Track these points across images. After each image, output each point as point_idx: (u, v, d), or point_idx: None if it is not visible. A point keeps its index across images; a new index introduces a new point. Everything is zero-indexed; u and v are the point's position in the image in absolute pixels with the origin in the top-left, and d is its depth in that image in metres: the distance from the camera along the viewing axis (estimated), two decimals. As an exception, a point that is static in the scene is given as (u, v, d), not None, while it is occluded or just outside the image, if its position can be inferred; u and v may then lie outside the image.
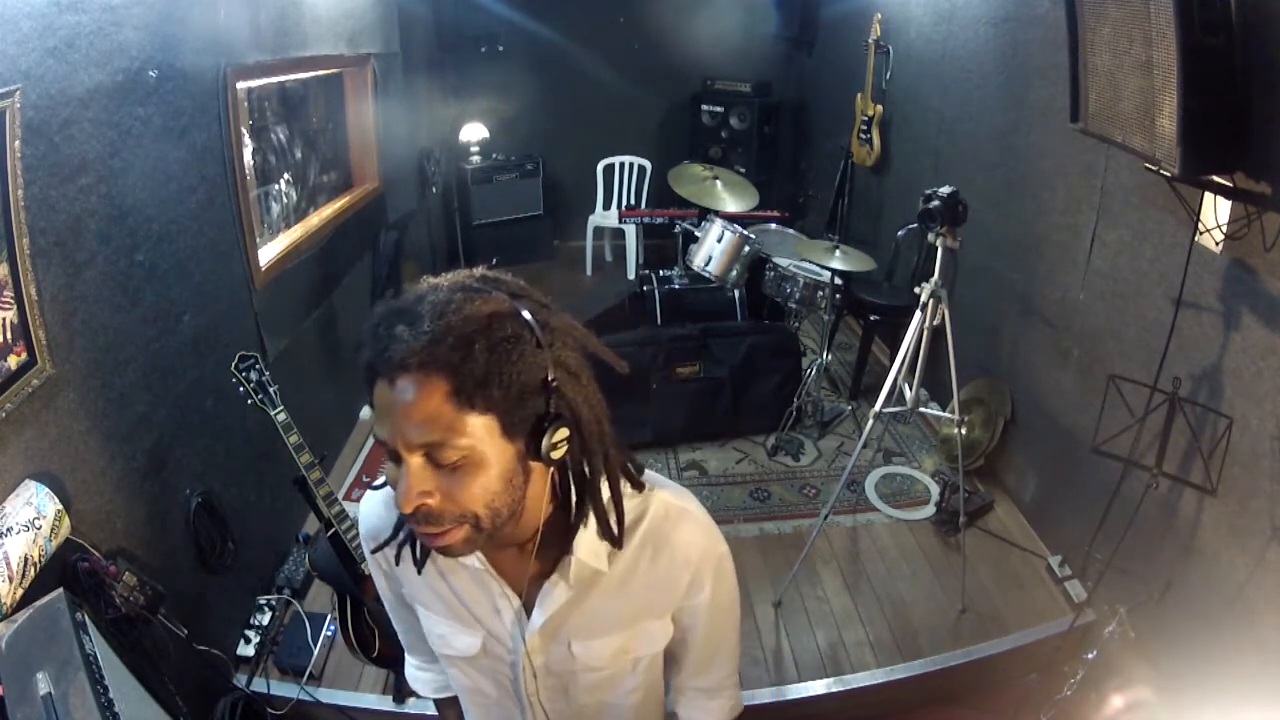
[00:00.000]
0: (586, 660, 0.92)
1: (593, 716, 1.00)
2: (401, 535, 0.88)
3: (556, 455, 0.74)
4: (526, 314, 0.72)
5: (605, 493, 0.82)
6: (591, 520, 0.82)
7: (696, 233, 3.67)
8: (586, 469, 0.80)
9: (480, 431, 0.70)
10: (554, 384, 0.72)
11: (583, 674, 0.94)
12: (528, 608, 0.89)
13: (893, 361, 2.43)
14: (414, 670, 1.15)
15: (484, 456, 0.71)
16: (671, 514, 0.89)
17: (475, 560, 0.86)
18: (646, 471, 0.89)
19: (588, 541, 0.84)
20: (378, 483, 0.92)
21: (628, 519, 0.85)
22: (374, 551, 0.93)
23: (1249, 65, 1.57)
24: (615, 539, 0.83)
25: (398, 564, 0.90)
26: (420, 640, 1.06)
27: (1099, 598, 2.27)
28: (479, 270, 0.77)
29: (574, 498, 0.82)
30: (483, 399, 0.69)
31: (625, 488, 0.84)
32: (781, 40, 5.39)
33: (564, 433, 0.74)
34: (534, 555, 0.85)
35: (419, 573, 0.89)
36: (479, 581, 0.89)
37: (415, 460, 0.70)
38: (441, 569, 0.90)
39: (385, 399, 0.69)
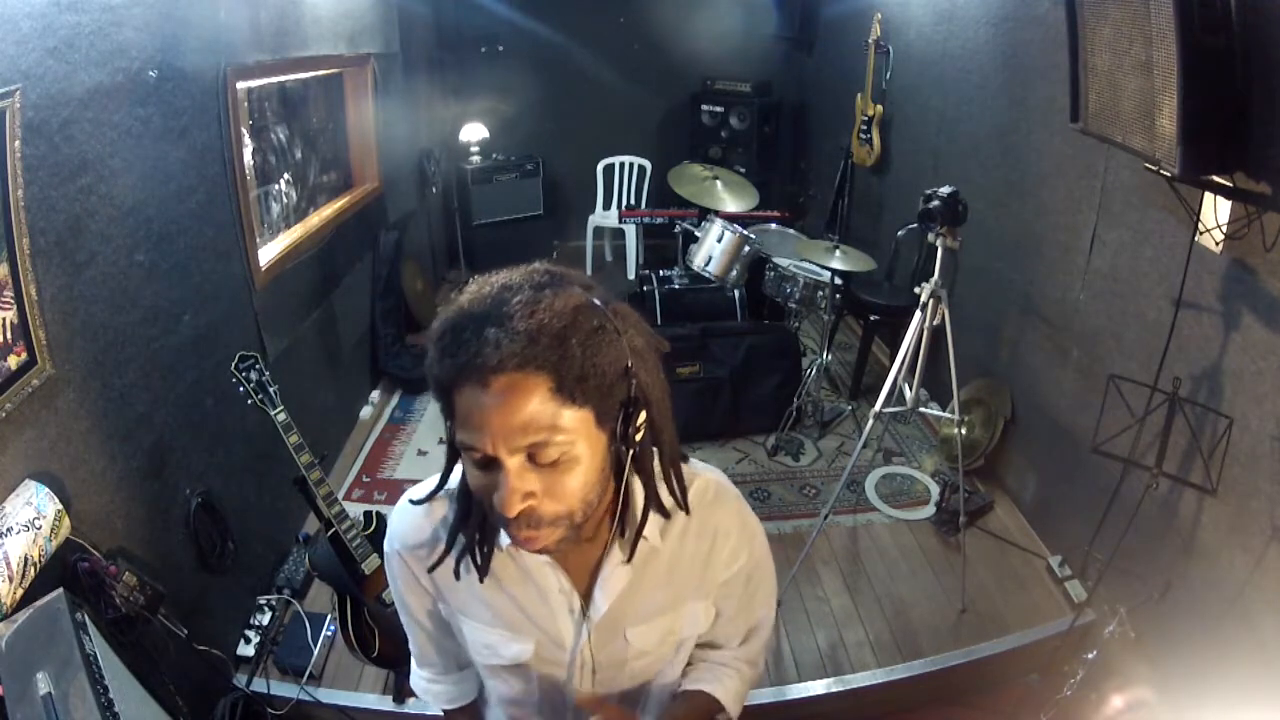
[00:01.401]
0: (638, 645, 0.93)
1: (632, 705, 1.01)
2: (458, 548, 0.85)
3: (639, 439, 0.76)
4: (599, 303, 0.73)
5: (670, 469, 0.84)
6: (641, 501, 0.84)
7: (696, 233, 3.67)
8: (654, 448, 0.82)
9: (578, 425, 0.71)
10: (633, 369, 0.73)
11: (632, 661, 0.95)
12: (584, 601, 0.90)
13: (893, 361, 2.43)
14: (424, 684, 1.11)
15: (581, 450, 0.72)
16: (711, 487, 0.92)
17: (543, 556, 0.85)
18: None
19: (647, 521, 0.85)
20: (418, 496, 0.90)
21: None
22: (431, 570, 0.89)
23: (1249, 65, 1.57)
24: (684, 507, 0.86)
25: (458, 578, 0.88)
26: (436, 653, 1.05)
27: (1099, 598, 2.27)
28: (540, 265, 0.76)
29: (643, 477, 0.83)
30: (581, 393, 0.69)
31: None
32: (781, 40, 5.39)
33: (644, 415, 0.76)
34: (596, 545, 0.87)
35: (481, 580, 0.86)
36: (537, 579, 0.88)
37: (515, 462, 0.70)
38: (496, 573, 0.88)
39: (478, 404, 0.68)
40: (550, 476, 0.71)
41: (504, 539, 0.84)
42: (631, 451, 0.77)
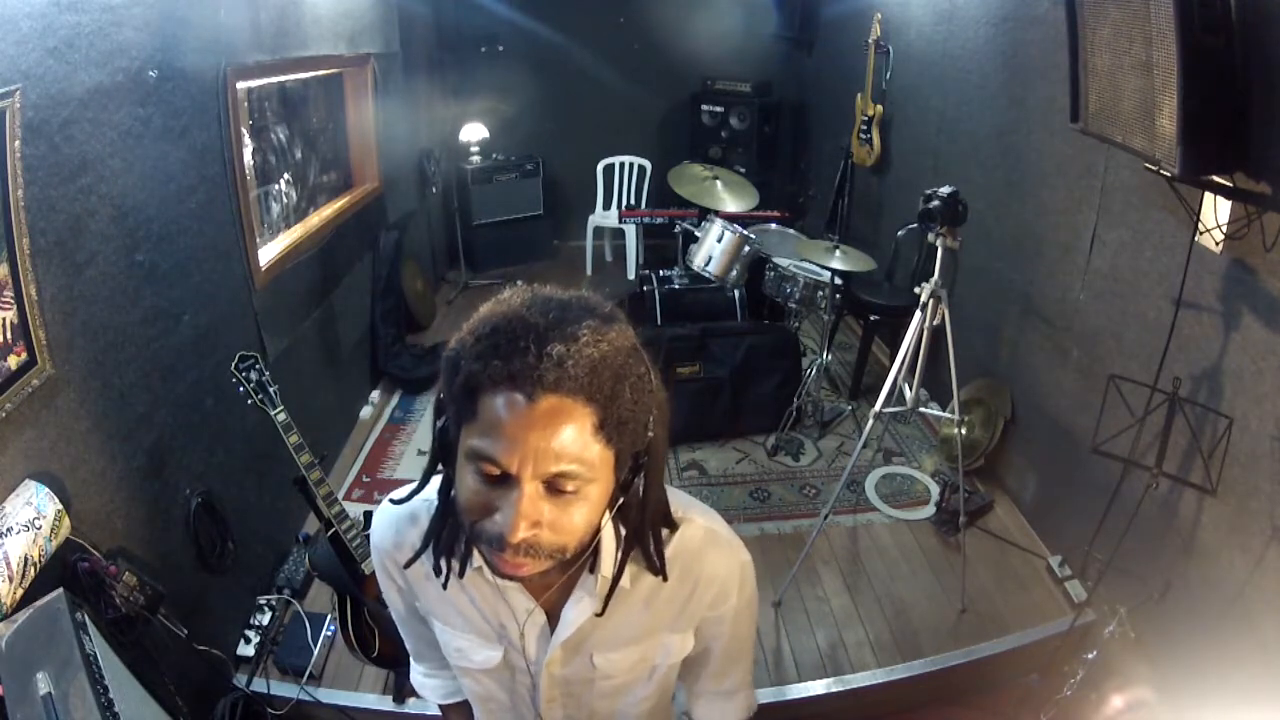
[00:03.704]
0: (606, 670, 0.92)
1: None
2: (428, 554, 0.84)
3: (630, 490, 0.75)
4: (642, 351, 0.72)
5: (648, 528, 0.82)
6: (621, 547, 0.82)
7: (696, 233, 3.67)
8: (641, 502, 0.80)
9: (602, 464, 0.69)
10: (654, 421, 0.73)
11: (600, 682, 0.94)
12: (551, 620, 0.89)
13: (893, 361, 2.43)
14: (421, 678, 1.15)
15: (594, 489, 0.70)
16: (702, 537, 0.89)
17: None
18: (670, 489, 0.88)
19: (617, 560, 0.83)
20: (398, 496, 0.88)
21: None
22: (406, 566, 0.88)
23: (1249, 65, 1.57)
24: (662, 572, 0.84)
25: (444, 581, 0.85)
26: (429, 648, 1.06)
27: (1099, 598, 2.27)
28: (595, 293, 0.74)
29: (622, 526, 0.81)
30: (617, 434, 0.68)
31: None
32: (781, 40, 5.39)
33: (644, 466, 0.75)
34: (568, 571, 0.84)
35: (444, 587, 0.85)
36: (504, 596, 0.87)
37: (534, 487, 0.67)
38: (465, 584, 0.88)
39: (517, 417, 0.64)
40: (559, 508, 0.69)
41: (476, 558, 0.82)
42: (622, 499, 0.76)
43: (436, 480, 0.82)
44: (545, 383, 0.63)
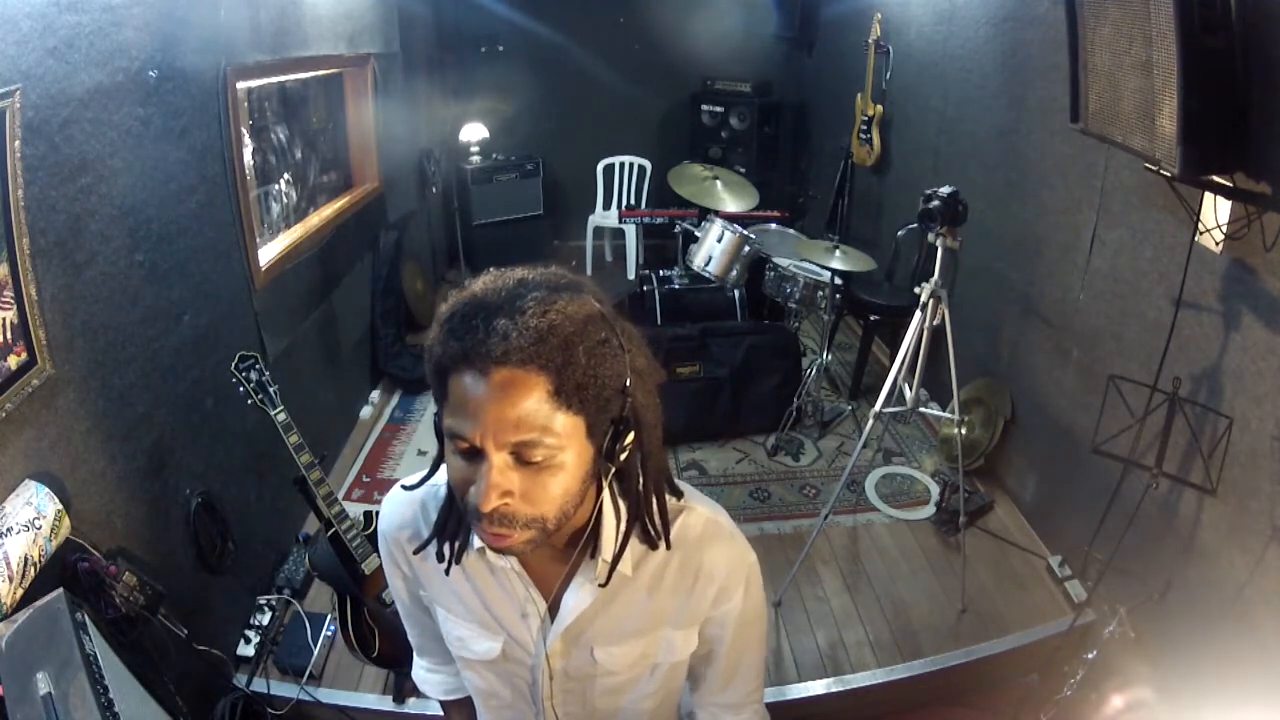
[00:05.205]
0: (607, 665, 0.92)
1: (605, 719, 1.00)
2: (437, 535, 0.86)
3: (624, 459, 0.76)
4: (610, 318, 0.73)
5: (653, 497, 0.83)
6: (623, 525, 0.82)
7: (696, 233, 3.67)
8: (639, 473, 0.81)
9: (569, 431, 0.70)
10: (631, 388, 0.73)
11: (601, 678, 0.94)
12: (552, 611, 0.89)
13: (893, 361, 2.43)
14: (424, 673, 1.15)
15: (568, 458, 0.71)
16: (706, 528, 0.89)
17: (506, 561, 0.85)
18: (678, 482, 0.89)
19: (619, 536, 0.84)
20: (410, 481, 0.90)
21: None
22: (416, 552, 0.90)
23: (1249, 65, 1.57)
24: (665, 540, 0.84)
25: (447, 566, 0.87)
26: (432, 642, 1.06)
27: (1099, 598, 2.27)
28: (558, 268, 0.76)
29: (622, 501, 0.82)
30: (578, 400, 0.69)
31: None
32: (781, 40, 5.39)
33: (632, 436, 0.75)
34: (570, 559, 0.85)
35: (446, 573, 0.87)
36: (505, 583, 0.88)
37: (500, 458, 0.69)
38: (468, 571, 0.89)
39: (476, 392, 0.67)
40: (531, 478, 0.71)
41: (477, 541, 0.84)
42: (613, 469, 0.76)
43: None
44: (494, 356, 0.66)
